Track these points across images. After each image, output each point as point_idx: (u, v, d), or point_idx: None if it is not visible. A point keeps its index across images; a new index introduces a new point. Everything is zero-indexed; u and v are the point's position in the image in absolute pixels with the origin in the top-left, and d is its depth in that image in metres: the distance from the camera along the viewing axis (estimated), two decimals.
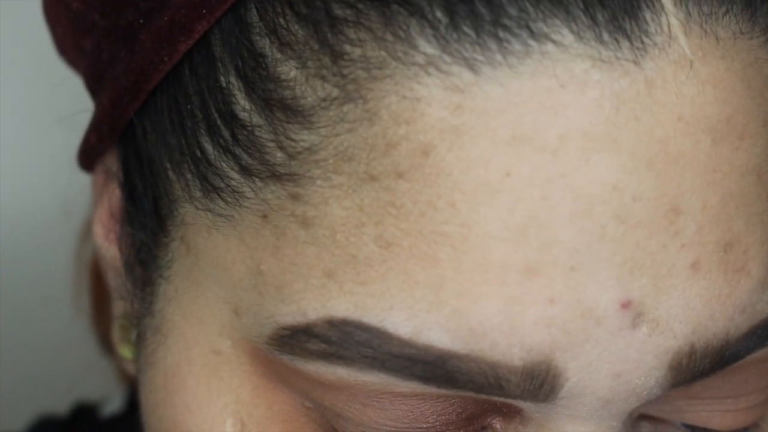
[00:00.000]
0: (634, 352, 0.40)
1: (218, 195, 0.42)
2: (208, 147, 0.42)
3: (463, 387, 0.40)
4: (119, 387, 0.65)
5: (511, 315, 0.39)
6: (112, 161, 0.48)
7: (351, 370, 0.40)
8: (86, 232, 0.61)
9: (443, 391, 0.41)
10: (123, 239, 0.47)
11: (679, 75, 0.39)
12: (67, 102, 0.51)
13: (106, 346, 0.61)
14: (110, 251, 0.49)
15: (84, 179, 0.52)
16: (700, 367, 0.41)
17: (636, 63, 0.38)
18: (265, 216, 0.41)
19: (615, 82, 0.38)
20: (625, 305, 0.39)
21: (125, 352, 0.51)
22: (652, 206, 0.39)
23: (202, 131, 0.42)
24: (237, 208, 0.42)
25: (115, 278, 0.49)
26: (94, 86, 0.47)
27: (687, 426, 0.45)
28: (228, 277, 0.42)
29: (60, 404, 0.64)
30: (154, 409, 0.46)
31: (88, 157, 0.49)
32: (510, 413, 0.42)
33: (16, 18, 0.71)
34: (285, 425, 0.43)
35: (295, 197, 0.40)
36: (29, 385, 0.76)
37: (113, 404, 0.64)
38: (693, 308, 0.40)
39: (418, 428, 0.41)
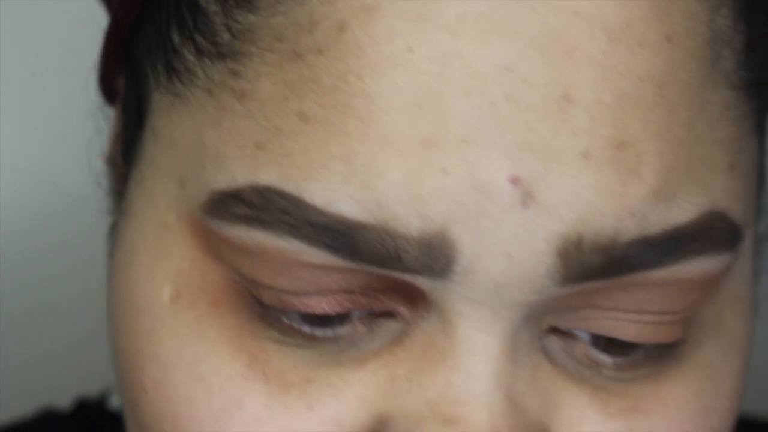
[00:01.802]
0: (524, 231, 0.43)
1: (177, 77, 0.47)
2: (176, 37, 0.47)
3: (366, 259, 0.43)
4: None
5: (410, 186, 0.42)
6: (122, 85, 0.53)
7: (268, 235, 0.44)
8: None
9: (348, 264, 0.44)
10: (115, 145, 0.53)
11: None
12: (68, 101, 0.56)
13: None
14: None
15: (85, 177, 0.56)
16: (589, 262, 0.43)
17: None
18: (209, 91, 0.45)
19: None
20: (514, 181, 0.42)
21: None
22: (543, 91, 0.42)
23: (173, 25, 0.47)
24: (190, 87, 0.46)
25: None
26: (108, 7, 0.53)
27: (598, 346, 0.47)
28: (177, 151, 0.47)
29: (61, 398, 0.66)
30: (115, 289, 0.50)
31: (105, 83, 0.54)
32: (414, 299, 0.45)
33: (16, 18, 0.73)
34: (214, 294, 0.46)
35: (234, 73, 0.45)
36: (30, 379, 0.77)
37: (116, 399, 0.65)
38: (582, 196, 0.42)
39: (322, 296, 0.45)
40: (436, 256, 0.43)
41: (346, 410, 0.46)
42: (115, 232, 0.51)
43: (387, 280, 0.44)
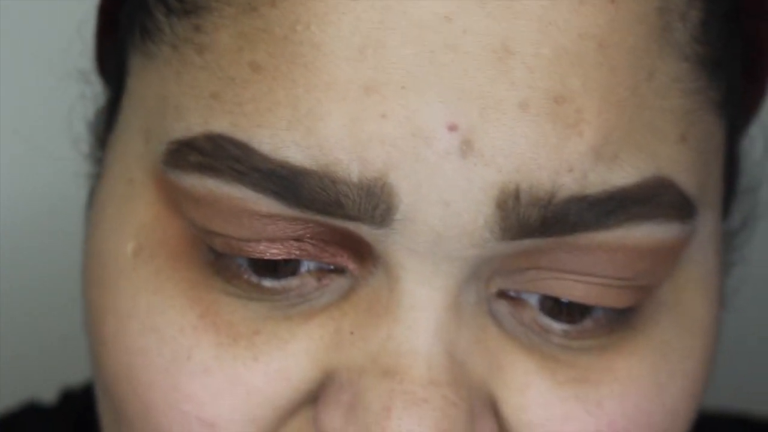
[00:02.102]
0: (462, 180, 0.43)
1: (149, 37, 0.48)
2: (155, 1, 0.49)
3: (310, 205, 0.44)
4: None
5: (351, 131, 0.43)
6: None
7: (219, 183, 0.45)
8: None
9: (294, 212, 0.45)
10: (101, 114, 0.55)
11: None
12: (66, 102, 0.58)
13: None
14: None
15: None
16: (527, 215, 0.44)
17: None
18: (174, 47, 0.47)
19: None
20: (452, 128, 0.43)
21: None
22: (483, 41, 0.43)
23: None
24: (159, 44, 0.48)
25: None
26: None
27: (545, 312, 0.47)
28: (144, 108, 0.49)
29: (44, 388, 0.66)
30: (87, 248, 0.51)
31: (99, 58, 0.56)
32: (363, 255, 0.46)
33: (16, 18, 0.75)
34: (173, 248, 0.48)
35: (196, 28, 0.46)
36: (16, 370, 0.78)
37: None
38: (519, 146, 0.43)
39: (271, 243, 0.46)
40: (376, 202, 0.44)
41: (291, 363, 0.46)
42: (92, 195, 0.53)
43: (334, 233, 0.45)
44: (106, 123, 0.53)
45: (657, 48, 0.46)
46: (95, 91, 0.56)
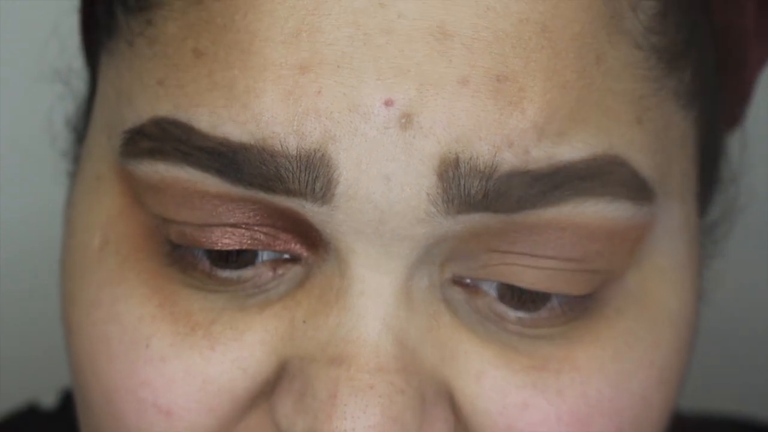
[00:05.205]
0: (401, 153, 0.44)
1: (110, 35, 0.50)
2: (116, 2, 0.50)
3: (251, 181, 0.45)
4: None
5: (287, 105, 0.44)
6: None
7: (168, 166, 0.46)
8: None
9: (240, 192, 0.45)
10: (79, 114, 0.56)
11: None
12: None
13: None
14: None
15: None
16: (468, 187, 0.44)
17: None
18: (130, 42, 0.48)
19: None
20: (389, 103, 0.43)
21: None
22: (418, 24, 0.43)
23: None
24: (118, 41, 0.49)
25: None
26: None
27: (504, 301, 0.47)
28: (106, 103, 0.50)
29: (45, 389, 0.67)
30: (63, 244, 0.52)
31: (87, 58, 0.58)
32: (314, 242, 0.46)
33: (16, 18, 0.77)
34: (136, 240, 0.49)
35: (148, 22, 0.48)
36: (16, 371, 0.79)
37: None
38: (458, 119, 0.43)
39: (224, 224, 0.46)
40: (315, 174, 0.44)
41: (247, 353, 0.47)
42: (69, 193, 0.54)
43: (284, 217, 0.46)
44: (84, 121, 0.55)
45: (605, 35, 0.46)
46: (74, 89, 0.58)
